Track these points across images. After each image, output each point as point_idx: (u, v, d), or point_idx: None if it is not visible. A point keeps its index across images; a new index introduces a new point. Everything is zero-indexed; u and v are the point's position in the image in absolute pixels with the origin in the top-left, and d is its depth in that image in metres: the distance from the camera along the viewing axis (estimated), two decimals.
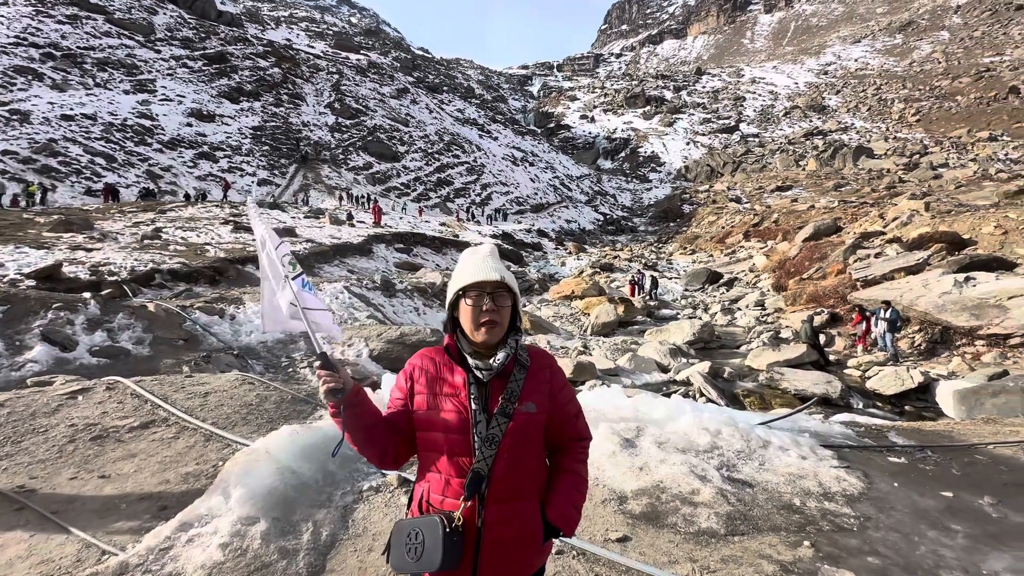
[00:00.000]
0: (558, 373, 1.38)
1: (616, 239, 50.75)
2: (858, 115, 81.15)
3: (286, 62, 55.72)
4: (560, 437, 1.38)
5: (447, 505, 1.24)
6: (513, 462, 1.25)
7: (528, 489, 1.29)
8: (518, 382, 1.28)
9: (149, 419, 4.27)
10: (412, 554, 1.18)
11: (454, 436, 1.25)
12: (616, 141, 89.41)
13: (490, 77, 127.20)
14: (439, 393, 1.29)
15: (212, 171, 34.92)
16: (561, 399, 1.36)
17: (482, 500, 1.22)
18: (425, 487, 1.31)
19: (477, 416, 1.25)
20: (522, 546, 1.27)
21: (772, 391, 10.01)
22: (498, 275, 1.28)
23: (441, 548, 1.15)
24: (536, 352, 1.38)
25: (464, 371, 1.29)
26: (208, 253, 15.66)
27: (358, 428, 1.29)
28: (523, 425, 1.26)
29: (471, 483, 1.22)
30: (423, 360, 1.36)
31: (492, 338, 1.27)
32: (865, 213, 27.03)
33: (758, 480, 3.33)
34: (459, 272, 1.33)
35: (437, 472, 1.28)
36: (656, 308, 20.04)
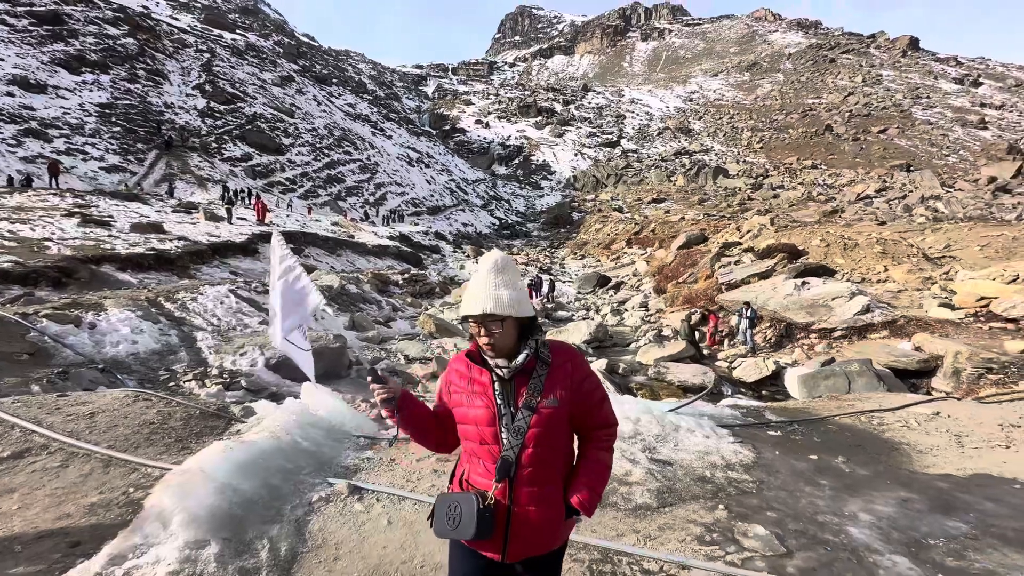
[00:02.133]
0: (579, 366, 1.50)
1: (512, 243, 52.20)
2: (716, 139, 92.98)
3: (143, 32, 48.61)
4: (585, 425, 1.53)
5: (482, 485, 1.45)
6: (538, 450, 1.41)
7: (552, 474, 1.45)
8: (540, 378, 1.43)
9: (22, 447, 3.63)
10: (451, 523, 1.40)
11: (484, 428, 1.44)
12: (510, 148, 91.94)
13: (383, 73, 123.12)
14: (471, 391, 1.48)
15: (44, 152, 29.24)
16: (584, 389, 1.48)
17: (512, 483, 1.41)
18: (466, 467, 1.52)
19: (502, 410, 1.43)
20: (546, 524, 1.45)
21: (660, 383, 11.18)
22: (489, 307, 1.38)
23: (476, 520, 1.36)
24: (558, 347, 1.51)
25: (488, 371, 1.47)
26: (50, 250, 13.18)
27: (411, 426, 1.53)
28: (546, 418, 1.41)
29: (501, 468, 1.40)
30: (457, 364, 1.56)
31: (497, 355, 1.43)
32: (725, 225, 31.16)
33: (676, 459, 3.85)
34: (466, 294, 1.48)
35: (475, 456, 1.49)
36: (554, 310, 21.12)
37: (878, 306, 13.16)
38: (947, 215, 35.16)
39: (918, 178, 51.71)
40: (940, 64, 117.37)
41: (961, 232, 19.64)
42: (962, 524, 2.95)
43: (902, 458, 4.12)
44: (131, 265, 14.23)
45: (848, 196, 46.96)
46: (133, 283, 13.37)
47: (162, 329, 10.10)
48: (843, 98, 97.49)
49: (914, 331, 11.51)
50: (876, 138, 77.01)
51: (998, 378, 8.91)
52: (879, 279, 16.22)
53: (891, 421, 4.97)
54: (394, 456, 3.89)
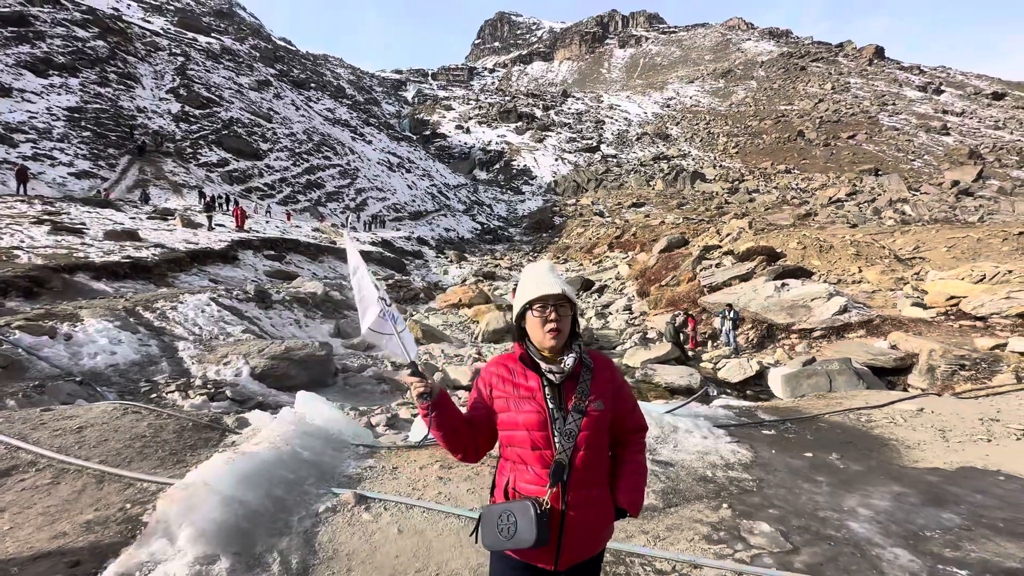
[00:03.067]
0: (617, 373, 1.58)
1: (494, 248, 52.21)
2: (693, 144, 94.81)
3: (114, 35, 47.33)
4: (622, 429, 1.57)
5: (533, 492, 1.41)
6: (588, 453, 1.43)
7: (601, 476, 1.49)
8: (586, 382, 1.46)
9: (9, 465, 3.49)
10: (505, 533, 1.36)
11: (536, 433, 1.42)
12: (491, 153, 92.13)
13: (362, 78, 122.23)
14: (518, 396, 1.46)
15: (9, 157, 28.20)
16: (622, 395, 1.56)
17: (564, 487, 1.40)
18: (510, 477, 1.48)
19: (555, 414, 1.42)
20: (597, 525, 1.47)
21: (648, 385, 11.30)
22: (560, 288, 1.45)
23: (535, 527, 1.33)
24: (596, 356, 1.56)
25: (537, 375, 1.46)
26: (19, 259, 12.68)
27: (445, 427, 1.46)
28: (595, 420, 1.44)
29: (555, 472, 1.39)
30: (499, 368, 1.53)
31: (558, 343, 1.44)
32: (704, 229, 31.75)
33: (676, 459, 3.91)
34: (524, 286, 1.51)
35: (523, 463, 1.45)
36: None
37: (855, 306, 13.56)
38: (914, 217, 36.52)
39: (886, 182, 53.61)
40: (904, 72, 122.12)
41: (929, 234, 20.41)
42: (955, 516, 3.07)
43: (892, 453, 4.26)
44: (106, 274, 13.80)
45: (820, 199, 48.37)
46: (109, 292, 12.95)
47: (141, 339, 9.82)
48: (814, 105, 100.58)
49: (890, 330, 11.89)
50: (846, 143, 79.60)
51: (970, 374, 9.28)
52: (854, 280, 16.73)
53: (878, 418, 5.13)
54: (396, 464, 3.86)
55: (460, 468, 3.69)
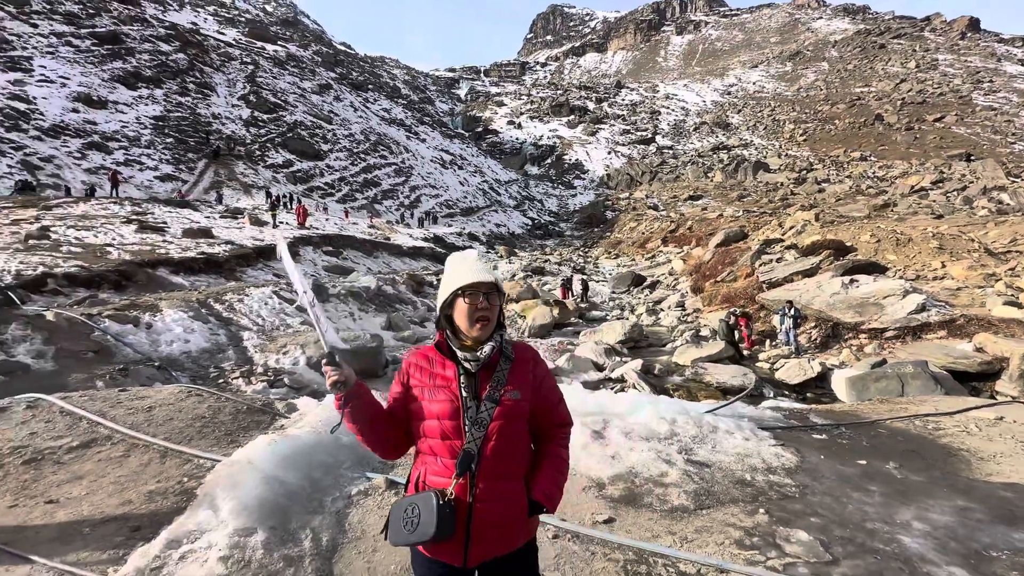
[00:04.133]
0: (541, 364, 1.52)
1: (544, 243, 52.08)
2: (756, 133, 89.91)
3: (192, 48, 51.24)
4: (544, 423, 1.51)
5: (441, 484, 1.36)
6: (500, 443, 1.37)
7: (514, 469, 1.42)
8: (504, 372, 1.42)
9: (89, 438, 3.90)
10: (408, 526, 1.30)
11: (447, 422, 1.37)
12: (543, 148, 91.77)
13: (416, 78, 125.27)
14: (433, 385, 1.42)
15: (105, 163, 31.28)
16: (544, 388, 1.49)
17: (473, 477, 1.34)
18: (421, 470, 1.43)
19: (467, 403, 1.38)
20: (509, 520, 1.40)
21: (697, 384, 10.91)
22: (492, 276, 1.42)
23: (436, 519, 1.27)
24: (520, 346, 1.51)
25: (454, 364, 1.42)
26: (111, 255, 14.08)
27: (361, 419, 1.41)
28: (509, 410, 1.39)
29: (462, 461, 1.33)
30: (417, 357, 1.49)
31: (484, 333, 1.40)
32: (766, 222, 30.09)
33: (713, 460, 3.76)
34: (454, 273, 1.45)
35: (432, 455, 1.40)
36: (587, 310, 20.94)
37: (934, 304, 12.41)
38: (1013, 207, 32.77)
39: (980, 168, 48.39)
40: (1004, 45, 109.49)
41: None
42: None
43: (961, 465, 3.88)
44: (184, 268, 15.03)
45: (901, 189, 44.47)
46: (185, 285, 14.11)
47: (212, 329, 10.63)
48: (894, 85, 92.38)
49: (975, 331, 10.80)
50: (932, 127, 72.58)
51: None
52: (935, 276, 15.30)
53: (949, 426, 4.68)
54: None
55: None
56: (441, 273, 18.04)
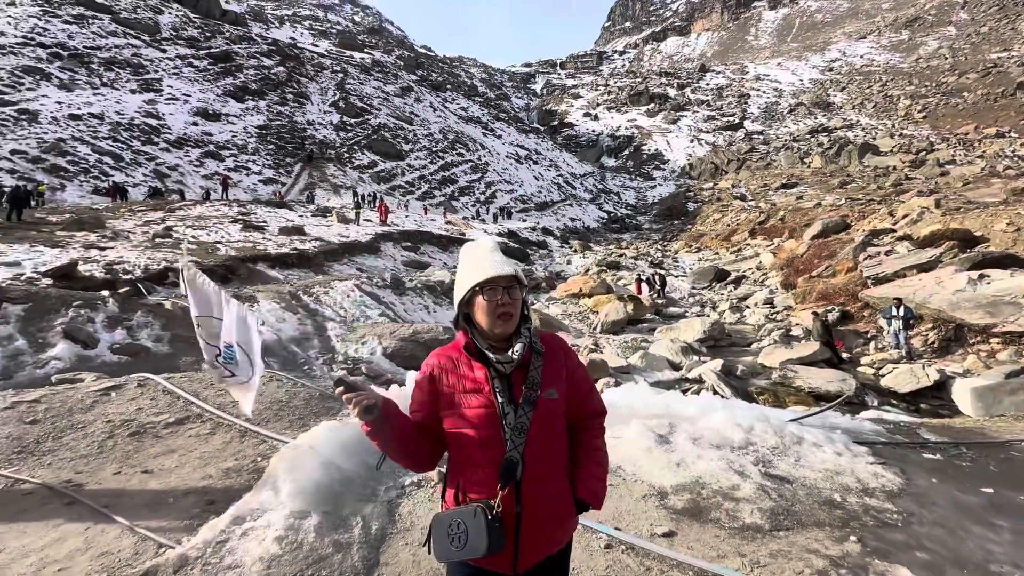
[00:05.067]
0: (571, 354, 1.44)
1: (621, 237, 50.67)
2: (863, 112, 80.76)
3: (291, 61, 55.76)
4: (579, 415, 1.44)
5: (484, 494, 1.29)
6: (542, 447, 1.31)
7: (558, 470, 1.36)
8: (537, 370, 1.33)
9: (183, 415, 4.31)
10: (456, 543, 1.24)
11: (484, 430, 1.29)
12: (620, 139, 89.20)
13: (493, 75, 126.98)
14: (463, 390, 1.32)
15: (218, 170, 34.99)
16: (578, 379, 1.43)
17: (518, 486, 1.27)
18: (460, 480, 1.35)
19: (504, 408, 1.29)
20: (557, 524, 1.35)
21: (786, 389, 9.98)
22: (511, 270, 1.33)
23: (486, 534, 1.21)
24: (548, 337, 1.43)
25: (484, 365, 1.32)
26: (219, 251, 15.72)
27: (396, 441, 1.32)
28: (548, 412, 1.32)
29: (505, 471, 1.26)
30: (441, 359, 1.39)
31: (509, 329, 1.32)
32: (873, 211, 26.93)
33: (796, 476, 3.35)
34: (470, 269, 1.35)
35: (471, 464, 1.32)
36: (664, 306, 20.04)
37: None
38: None
39: None
40: None
41: None
42: None
43: None
44: (279, 263, 16.41)
45: None
46: (280, 279, 15.39)
47: (300, 319, 11.47)
48: None
49: None
50: None
51: None
52: None
53: None
54: None
55: None
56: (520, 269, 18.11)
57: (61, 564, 2.41)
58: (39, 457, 3.53)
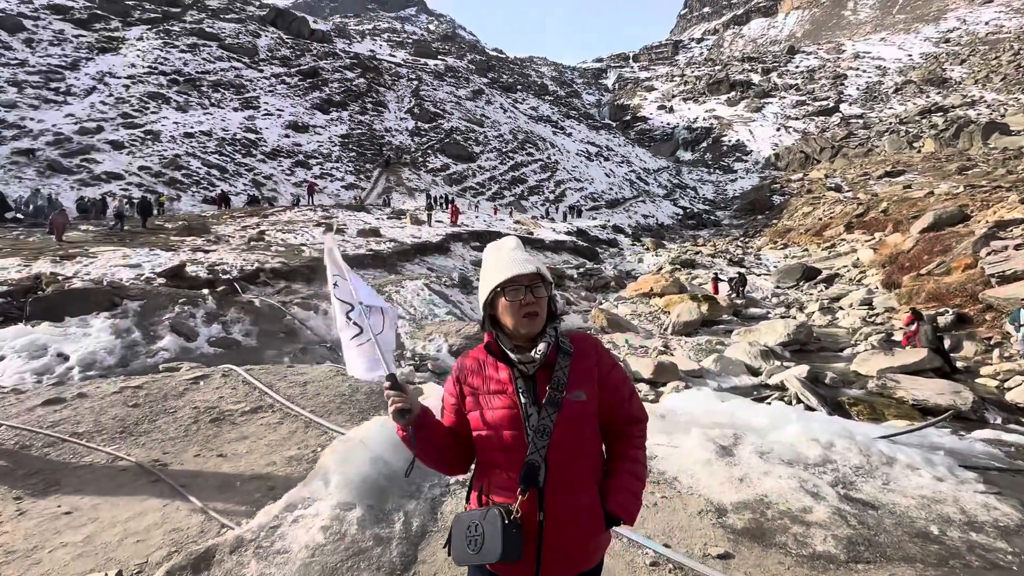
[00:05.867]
0: (604, 355, 1.36)
1: (697, 234, 48.26)
2: (989, 87, 70.56)
3: (370, 72, 58.94)
4: (615, 421, 1.36)
5: (506, 498, 1.25)
6: (567, 452, 1.25)
7: (585, 478, 1.29)
8: (563, 370, 1.28)
9: (257, 405, 4.65)
10: (472, 546, 1.20)
11: (506, 431, 1.25)
12: (697, 131, 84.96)
13: (563, 73, 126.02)
14: (488, 391, 1.30)
15: (306, 177, 37.82)
16: (612, 381, 1.34)
17: (541, 492, 1.22)
18: (484, 482, 1.32)
19: (528, 409, 1.25)
20: (584, 538, 1.27)
21: (885, 400, 8.94)
22: (533, 267, 1.28)
23: (501, 540, 1.16)
24: (579, 337, 1.37)
25: (508, 366, 1.30)
26: (304, 253, 16.95)
27: (429, 448, 1.32)
28: (573, 414, 1.26)
29: (526, 475, 1.22)
30: (468, 362, 1.37)
31: (535, 328, 1.28)
32: (1000, 199, 23.41)
33: (883, 501, 2.94)
34: (493, 269, 1.31)
35: (495, 467, 1.29)
36: (744, 307, 18.79)
37: None
38: None
39: None
40: None
41: None
42: None
43: None
44: (356, 263, 17.35)
45: None
46: None
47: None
48: None
49: None
50: None
51: None
52: None
53: None
54: None
55: None
56: (582, 267, 17.80)
57: (140, 536, 2.67)
58: (136, 437, 3.96)
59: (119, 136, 32.94)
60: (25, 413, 4.32)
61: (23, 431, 3.98)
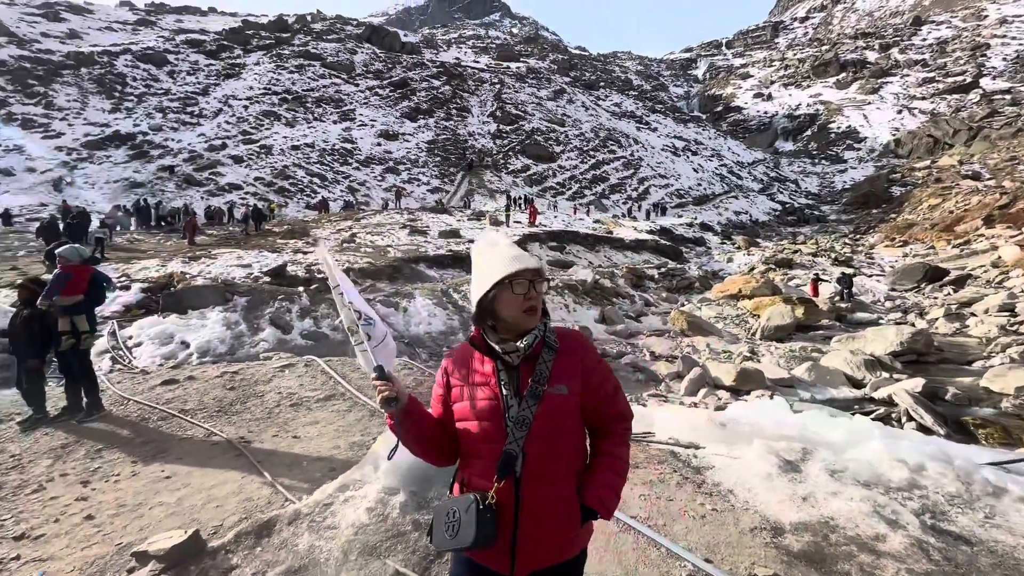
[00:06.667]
0: (590, 352, 1.38)
1: (798, 231, 44.26)
2: None
3: (455, 79, 61.15)
4: (599, 417, 1.38)
5: (484, 487, 1.27)
6: (546, 444, 1.26)
7: (564, 471, 1.30)
8: (547, 364, 1.30)
9: (331, 393, 5.05)
10: (450, 531, 1.24)
11: (487, 422, 1.28)
12: (799, 118, 77.86)
13: (649, 66, 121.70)
14: (472, 383, 1.33)
15: (396, 183, 40.17)
16: (596, 378, 1.35)
17: (517, 481, 1.24)
18: (465, 472, 1.35)
19: (508, 400, 1.28)
20: (560, 529, 1.28)
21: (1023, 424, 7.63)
22: (536, 263, 1.32)
23: (475, 525, 1.20)
24: (566, 334, 1.39)
25: (492, 359, 1.32)
26: (389, 254, 18.02)
27: (417, 437, 1.37)
28: (554, 406, 1.27)
29: (503, 464, 1.24)
30: (456, 354, 1.41)
31: (532, 323, 1.31)
32: None
33: (981, 537, 2.53)
34: (495, 263, 1.32)
35: (476, 457, 1.32)
36: (849, 311, 16.93)
37: None
38: None
39: None
40: None
41: None
42: None
43: None
44: (436, 263, 18.14)
45: None
46: (436, 277, 17.00)
47: (448, 315, 12.52)
48: None
49: None
50: None
51: None
52: None
53: None
54: None
55: (643, 471, 3.35)
56: (663, 266, 17.14)
57: (219, 502, 3.04)
58: (229, 416, 4.48)
59: (239, 151, 37.29)
60: (148, 391, 5.08)
61: (145, 406, 4.67)
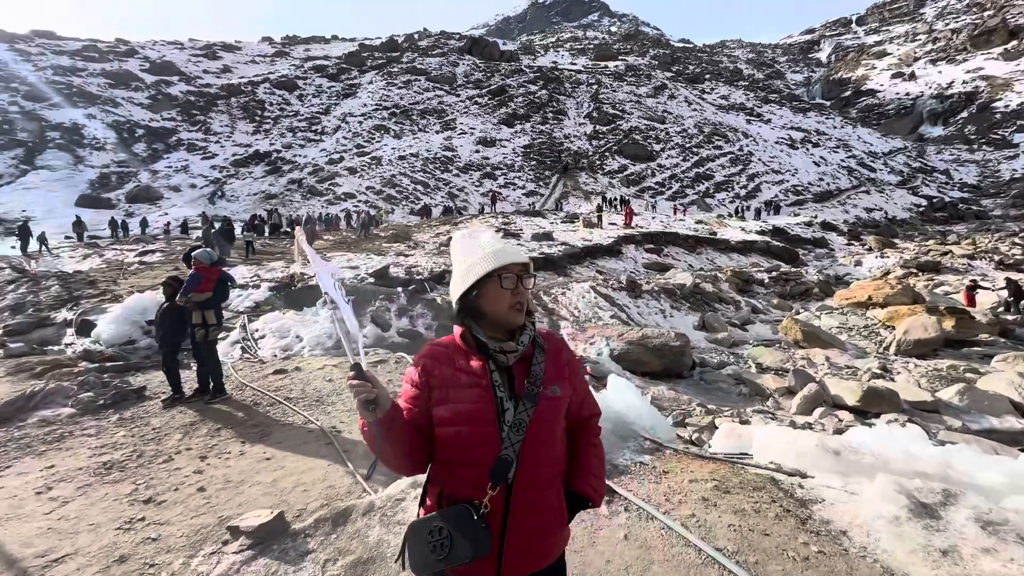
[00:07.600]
0: (568, 350, 1.36)
1: (948, 229, 37.91)
2: None
3: (551, 83, 61.44)
4: (577, 416, 1.36)
5: (472, 496, 1.17)
6: (540, 449, 1.21)
7: (552, 476, 1.26)
8: (540, 365, 1.25)
9: None
10: (439, 550, 1.13)
11: (479, 426, 1.18)
12: (952, 98, 66.77)
13: (762, 53, 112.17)
14: (458, 384, 1.21)
15: (492, 188, 41.31)
16: (579, 380, 1.36)
17: (509, 488, 1.18)
18: (446, 482, 1.22)
19: (504, 403, 1.19)
20: (545, 535, 1.24)
21: None
22: (526, 257, 1.27)
23: (472, 537, 1.12)
24: (548, 334, 1.35)
25: (483, 358, 1.22)
26: None
27: (394, 446, 1.18)
28: (549, 409, 1.23)
29: (497, 471, 1.16)
30: (435, 350, 1.27)
31: (520, 320, 1.25)
32: None
33: None
34: (481, 256, 1.24)
35: (461, 464, 1.20)
36: (1017, 324, 14.06)
37: None
38: None
39: None
40: None
41: None
42: None
43: None
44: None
45: None
46: None
47: (538, 317, 12.51)
48: None
49: None
50: None
51: None
52: None
53: None
54: (667, 469, 3.49)
55: (735, 497, 2.98)
56: (775, 269, 15.72)
57: (306, 487, 3.25)
58: (325, 407, 4.82)
59: (354, 163, 40.86)
60: (262, 379, 5.65)
61: (258, 392, 5.20)
